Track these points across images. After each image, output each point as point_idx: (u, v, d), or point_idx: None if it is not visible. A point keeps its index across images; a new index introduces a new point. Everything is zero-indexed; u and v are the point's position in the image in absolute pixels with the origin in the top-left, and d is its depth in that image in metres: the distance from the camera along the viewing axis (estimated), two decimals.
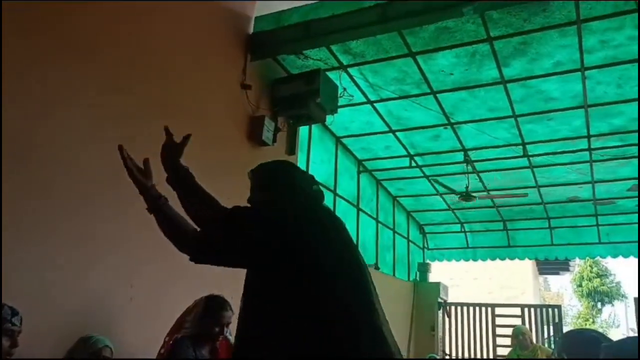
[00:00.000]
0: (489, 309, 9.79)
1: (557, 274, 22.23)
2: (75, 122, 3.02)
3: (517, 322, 9.40)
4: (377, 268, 7.94)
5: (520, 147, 6.73)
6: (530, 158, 7.04)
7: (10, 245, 2.54)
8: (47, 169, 2.84)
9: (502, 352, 9.08)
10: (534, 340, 5.95)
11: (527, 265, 16.39)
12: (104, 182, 3.11)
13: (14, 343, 2.15)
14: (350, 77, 5.39)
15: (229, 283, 2.81)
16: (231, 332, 3.53)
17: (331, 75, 5.12)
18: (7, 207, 2.54)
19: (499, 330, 9.51)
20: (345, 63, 5.15)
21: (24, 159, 2.72)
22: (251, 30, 4.86)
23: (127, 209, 2.82)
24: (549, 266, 18.43)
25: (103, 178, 3.10)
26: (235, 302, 3.40)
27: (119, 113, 3.29)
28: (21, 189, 2.67)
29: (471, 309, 9.94)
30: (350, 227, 7.21)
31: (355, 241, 1.85)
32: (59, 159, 2.91)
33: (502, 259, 10.32)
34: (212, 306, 3.02)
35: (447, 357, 9.52)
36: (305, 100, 4.86)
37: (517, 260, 10.78)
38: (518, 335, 5.92)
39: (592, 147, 6.58)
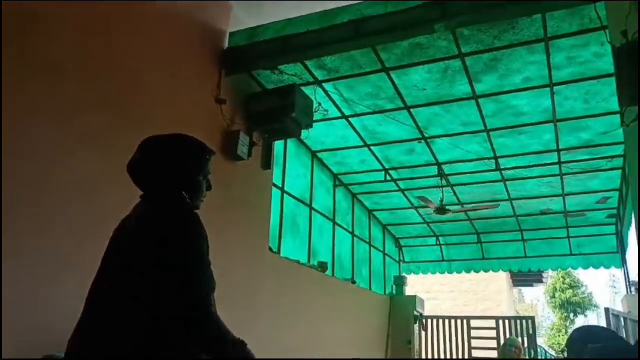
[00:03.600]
0: (464, 321, 9.87)
1: (531, 285, 22.56)
2: (49, 139, 2.98)
3: (492, 334, 9.51)
4: (353, 282, 7.95)
5: (493, 160, 6.85)
6: (503, 171, 7.17)
7: None
8: (10, 184, 2.79)
9: None
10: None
11: (501, 278, 16.59)
12: (75, 200, 3.06)
13: None
14: (325, 92, 5.43)
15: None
16: None
17: (306, 90, 5.15)
18: None
19: (474, 343, 9.59)
20: (320, 78, 5.20)
21: None
22: (226, 45, 4.86)
23: (97, 230, 2.78)
24: (522, 278, 18.71)
25: (73, 196, 3.05)
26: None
27: (93, 130, 3.25)
28: None
29: (447, 321, 10.00)
30: (327, 241, 7.27)
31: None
32: (24, 173, 2.86)
33: (477, 271, 10.46)
34: None
35: None
36: (280, 115, 4.87)
37: (491, 273, 10.93)
38: (509, 346, 5.99)
39: (561, 160, 6.73)
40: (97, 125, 3.29)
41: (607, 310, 8.92)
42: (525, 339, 9.35)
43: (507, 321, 9.84)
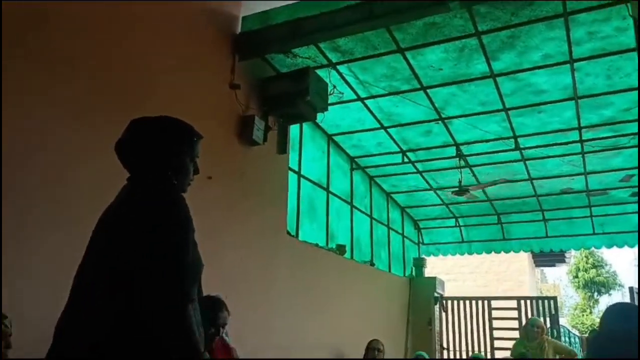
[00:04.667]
0: (485, 302, 9.80)
1: (553, 265, 22.34)
2: (57, 128, 3.00)
3: (514, 314, 9.45)
4: (372, 264, 7.95)
5: (512, 140, 6.73)
6: (522, 151, 7.06)
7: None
8: (25, 176, 2.82)
9: (500, 344, 9.12)
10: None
11: (523, 258, 16.44)
12: (87, 190, 3.07)
13: (8, 344, 2.23)
14: (340, 74, 5.38)
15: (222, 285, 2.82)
16: (227, 333, 3.53)
17: (320, 73, 5.11)
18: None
19: (495, 323, 9.54)
20: (334, 60, 5.15)
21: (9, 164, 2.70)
22: (239, 30, 4.84)
23: None
24: (544, 258, 18.51)
25: (85, 186, 3.07)
26: (230, 302, 3.41)
27: (109, 117, 3.27)
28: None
29: (467, 302, 9.95)
30: (345, 224, 7.27)
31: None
32: (36, 161, 2.89)
33: (498, 252, 10.36)
34: (208, 307, 3.02)
35: (445, 350, 9.55)
36: (295, 99, 4.86)
37: (512, 253, 10.82)
38: (531, 326, 5.94)
39: (583, 138, 6.60)
40: (111, 116, 3.30)
41: (631, 289, 8.82)
42: (548, 319, 9.27)
43: (529, 301, 9.76)
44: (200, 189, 1.92)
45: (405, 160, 7.51)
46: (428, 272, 10.07)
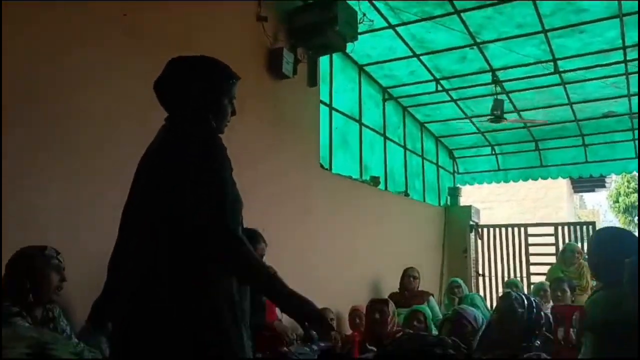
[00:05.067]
0: (522, 229, 9.77)
1: (593, 191, 21.92)
2: (94, 62, 3.04)
3: (551, 240, 9.43)
4: (407, 195, 7.98)
5: (551, 63, 6.46)
6: (562, 74, 6.78)
7: (37, 191, 2.65)
8: (67, 109, 2.90)
9: (536, 270, 9.17)
10: None
11: (561, 184, 16.18)
12: (130, 124, 3.15)
13: (63, 277, 2.36)
14: (369, 1, 5.20)
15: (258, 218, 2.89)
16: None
17: (349, 1, 4.95)
18: (30, 153, 2.65)
19: (532, 250, 9.55)
20: None
21: (39, 101, 2.77)
22: None
23: None
24: (583, 184, 18.12)
25: (128, 120, 3.15)
26: (266, 235, 3.51)
27: (137, 53, 3.29)
28: (38, 131, 2.74)
29: (503, 230, 9.95)
30: (378, 156, 7.25)
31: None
32: (80, 99, 2.96)
33: (535, 179, 10.20)
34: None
35: (481, 276, 9.68)
36: (323, 29, 4.74)
37: (550, 180, 10.65)
38: (569, 251, 5.92)
39: (627, 58, 6.28)
40: (140, 48, 3.31)
41: None
42: (586, 244, 9.23)
43: (566, 227, 9.68)
44: (231, 124, 1.94)
45: (439, 88, 7.34)
46: (463, 201, 10.06)
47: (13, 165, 2.57)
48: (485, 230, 10.01)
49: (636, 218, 25.08)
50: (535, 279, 8.71)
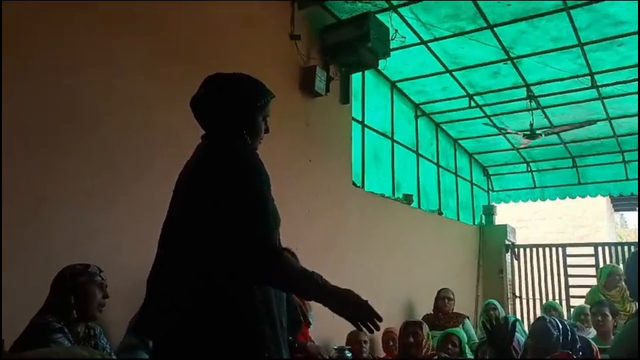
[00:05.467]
0: (560, 249, 9.47)
1: (634, 210, 21.19)
2: (131, 84, 3.10)
3: (591, 261, 9.10)
4: (440, 213, 7.86)
5: (588, 77, 6.32)
6: (600, 89, 6.62)
7: (80, 214, 2.70)
8: (110, 137, 2.95)
9: (576, 292, 8.84)
10: None
11: (600, 203, 15.69)
12: (166, 143, 3.19)
13: (106, 294, 2.39)
14: (402, 17, 5.19)
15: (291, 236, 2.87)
16: None
17: (381, 17, 4.95)
18: (73, 178, 2.71)
19: (571, 271, 9.24)
20: (395, 3, 4.96)
21: (85, 130, 2.83)
22: None
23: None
24: (624, 202, 17.50)
25: (164, 139, 3.18)
26: (299, 254, 3.48)
27: (175, 73, 3.34)
28: (85, 159, 2.80)
29: (541, 250, 9.66)
30: (411, 173, 7.18)
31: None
32: (120, 127, 3.01)
33: (573, 197, 9.92)
34: None
35: (518, 298, 9.40)
36: (356, 46, 4.76)
37: (589, 198, 10.35)
38: (609, 273, 5.68)
39: None
40: (175, 74, 3.36)
41: None
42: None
43: (606, 248, 9.34)
44: (264, 141, 1.94)
45: (473, 104, 7.25)
46: (498, 219, 9.85)
47: (62, 189, 2.66)
48: (521, 250, 9.73)
49: None
50: (575, 302, 8.41)
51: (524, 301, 9.50)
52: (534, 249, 9.69)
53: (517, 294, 9.44)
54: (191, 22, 3.59)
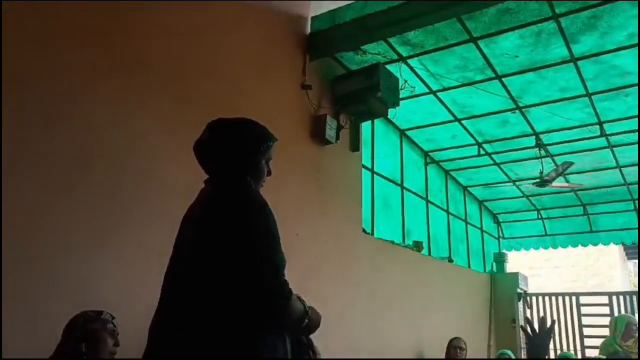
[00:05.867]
0: (573, 298, 9.30)
1: None
2: (146, 131, 3.17)
3: (605, 310, 8.92)
4: (450, 260, 7.79)
5: (597, 126, 6.37)
6: (609, 137, 6.66)
7: (91, 260, 2.72)
8: (121, 183, 3.00)
9: (591, 343, 8.63)
10: None
11: (613, 251, 15.47)
12: (178, 190, 3.23)
13: (117, 342, 2.38)
14: (411, 68, 5.31)
15: (298, 282, 2.86)
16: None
17: (391, 68, 5.08)
18: (84, 224, 2.74)
19: (585, 320, 9.04)
20: (404, 55, 5.08)
21: (97, 175, 2.88)
22: (308, 31, 4.90)
23: None
24: (637, 250, 17.31)
25: (177, 186, 3.23)
26: (307, 300, 3.47)
27: (188, 121, 3.41)
28: (97, 205, 2.83)
29: (553, 299, 9.49)
30: (421, 220, 7.16)
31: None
32: (132, 173, 3.06)
33: (585, 245, 9.82)
34: None
35: None
36: (366, 96, 4.85)
37: (601, 246, 10.23)
38: (623, 324, 5.54)
39: None
40: (189, 122, 3.43)
41: None
42: None
43: (621, 297, 9.17)
44: (276, 188, 1.97)
45: (482, 152, 7.31)
46: (509, 267, 9.73)
47: (73, 235, 2.68)
48: (534, 298, 9.57)
49: None
50: (590, 352, 8.20)
51: None
52: (547, 298, 9.53)
53: None
54: (206, 70, 3.69)
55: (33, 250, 2.53)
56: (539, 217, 9.78)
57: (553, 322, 2.04)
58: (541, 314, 9.39)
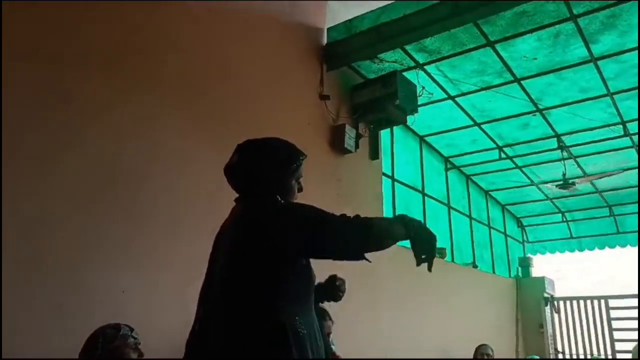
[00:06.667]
0: (602, 302, 9.10)
1: None
2: (167, 144, 3.22)
3: (635, 314, 8.70)
4: (475, 266, 7.70)
5: (620, 126, 6.27)
6: (633, 136, 6.54)
7: (115, 273, 2.76)
8: (144, 198, 3.04)
9: (622, 347, 8.43)
10: None
11: None
12: (198, 202, 3.28)
13: (140, 353, 2.36)
14: (428, 74, 5.30)
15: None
16: (333, 341, 3.58)
17: (408, 75, 5.08)
18: (104, 229, 2.78)
19: (615, 324, 8.83)
20: (421, 61, 5.08)
21: (121, 191, 2.93)
22: (325, 42, 4.93)
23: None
24: None
25: (198, 198, 3.27)
26: (332, 310, 3.47)
27: (209, 134, 3.46)
28: (116, 214, 2.88)
29: (582, 302, 9.29)
30: (443, 227, 7.11)
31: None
32: (155, 188, 3.11)
33: (612, 247, 9.62)
34: None
35: (560, 355, 9.00)
36: (384, 104, 4.86)
37: (629, 247, 10.01)
38: None
39: None
40: (210, 136, 3.48)
41: None
42: None
43: None
44: (297, 199, 1.97)
45: (503, 156, 7.24)
46: (535, 271, 9.57)
47: (97, 249, 2.73)
48: (561, 303, 9.38)
49: None
50: (621, 357, 8.01)
51: (567, 357, 9.08)
52: (575, 302, 9.32)
53: (560, 349, 9.04)
54: (224, 83, 3.74)
55: (58, 262, 2.58)
56: (564, 219, 9.63)
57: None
58: (570, 318, 9.21)
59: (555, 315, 9.18)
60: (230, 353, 1.60)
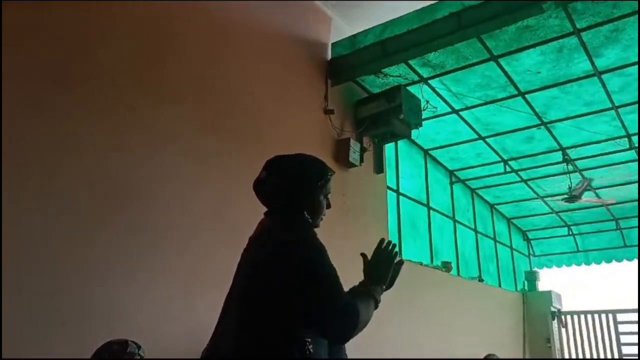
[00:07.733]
0: (610, 316, 9.02)
1: None
2: (176, 161, 3.24)
3: None
4: (480, 280, 7.66)
5: (625, 139, 6.26)
6: (638, 149, 6.53)
7: (121, 283, 2.76)
8: (153, 213, 3.06)
9: None
10: None
11: None
12: (207, 218, 3.29)
13: None
14: (432, 89, 5.32)
15: None
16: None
17: (412, 89, 5.11)
18: (115, 245, 2.79)
19: (624, 339, 8.74)
20: (425, 76, 5.10)
21: (130, 206, 2.95)
22: (329, 57, 4.97)
23: (230, 244, 2.96)
24: None
25: (206, 215, 3.28)
26: None
27: (215, 150, 3.48)
28: (127, 230, 2.89)
29: (589, 317, 9.21)
30: (449, 240, 7.08)
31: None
32: (163, 203, 3.12)
33: (619, 260, 9.55)
34: None
35: None
36: (388, 118, 4.88)
37: (636, 261, 9.93)
38: None
39: None
40: (217, 150, 3.50)
41: None
42: None
43: None
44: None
45: (508, 169, 7.23)
46: (542, 285, 9.51)
47: (108, 262, 2.73)
48: (569, 317, 9.31)
49: None
50: None
51: None
52: (583, 316, 9.25)
53: None
54: (230, 100, 3.76)
55: (71, 278, 2.59)
56: (570, 233, 9.59)
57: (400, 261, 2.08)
58: (577, 333, 9.12)
59: (563, 330, 9.09)
60: None
